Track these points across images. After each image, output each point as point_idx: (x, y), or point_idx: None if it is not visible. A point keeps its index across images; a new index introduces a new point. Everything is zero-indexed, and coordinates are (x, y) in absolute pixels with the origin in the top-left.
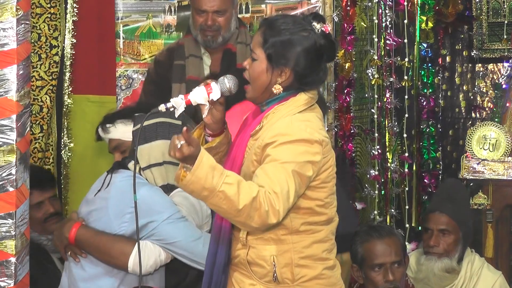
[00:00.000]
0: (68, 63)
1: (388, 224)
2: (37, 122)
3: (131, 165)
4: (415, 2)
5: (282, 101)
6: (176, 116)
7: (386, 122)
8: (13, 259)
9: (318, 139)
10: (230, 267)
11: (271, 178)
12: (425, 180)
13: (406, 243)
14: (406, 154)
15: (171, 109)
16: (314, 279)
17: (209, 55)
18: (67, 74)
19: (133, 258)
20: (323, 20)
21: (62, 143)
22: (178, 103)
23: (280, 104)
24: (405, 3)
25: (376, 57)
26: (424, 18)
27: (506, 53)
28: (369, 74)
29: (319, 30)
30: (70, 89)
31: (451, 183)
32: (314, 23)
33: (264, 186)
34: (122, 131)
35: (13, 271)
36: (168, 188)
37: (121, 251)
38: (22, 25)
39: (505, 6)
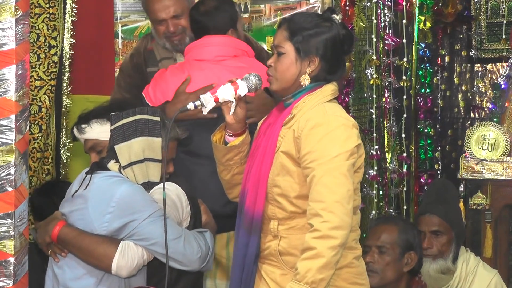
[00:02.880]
0: (67, 63)
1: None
2: (36, 122)
3: (111, 165)
4: (414, 2)
5: (309, 92)
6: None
7: (385, 122)
8: (12, 259)
9: (354, 123)
10: (258, 260)
11: (330, 188)
12: (421, 180)
13: None
14: (405, 154)
15: (199, 107)
16: (345, 267)
17: (181, 54)
18: (66, 74)
19: (117, 260)
20: (338, 13)
21: (61, 143)
22: (207, 100)
23: (309, 95)
24: (404, 3)
25: (375, 57)
26: (423, 18)
27: (505, 53)
28: (368, 74)
29: (339, 21)
30: (69, 89)
31: (440, 184)
32: (334, 15)
33: (324, 201)
34: (98, 131)
35: (12, 271)
36: (148, 185)
37: (104, 253)
38: (21, 25)
39: (504, 6)
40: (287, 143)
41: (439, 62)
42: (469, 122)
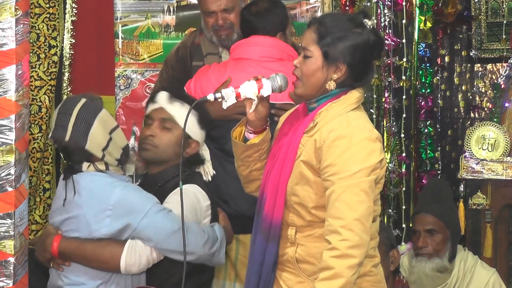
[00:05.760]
0: (67, 63)
1: (385, 224)
2: (36, 122)
3: (85, 168)
4: (414, 2)
5: (334, 98)
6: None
7: (385, 122)
8: (12, 259)
9: (378, 136)
10: (277, 267)
11: (350, 205)
12: (423, 180)
13: (403, 243)
14: (404, 154)
15: (219, 100)
16: (363, 276)
17: (227, 51)
18: (66, 74)
19: (125, 259)
20: (371, 18)
21: None
22: (228, 94)
23: (333, 102)
24: (404, 3)
25: None
26: (423, 18)
27: (504, 53)
28: None
29: (371, 27)
30: (69, 89)
31: (434, 183)
32: (366, 20)
33: (344, 218)
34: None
35: (12, 271)
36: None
37: (110, 255)
38: (21, 25)
39: (504, 6)
40: (308, 152)
41: (439, 62)
42: (469, 122)
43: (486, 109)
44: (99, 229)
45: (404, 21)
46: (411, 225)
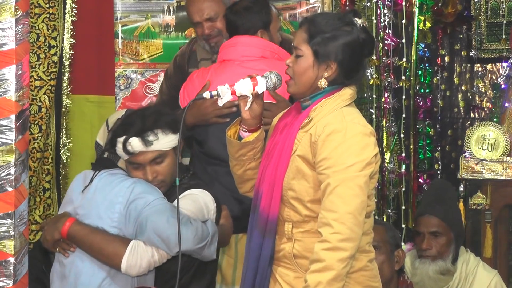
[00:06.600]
0: (67, 63)
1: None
2: (36, 122)
3: (121, 163)
4: (414, 2)
5: (327, 95)
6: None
7: (384, 122)
8: (12, 259)
9: (372, 130)
10: (273, 262)
11: (344, 198)
12: (420, 180)
13: (402, 243)
14: (404, 154)
15: (215, 97)
16: (360, 270)
17: None
18: (66, 74)
19: (126, 259)
20: (361, 17)
21: (61, 143)
22: (224, 91)
23: (327, 98)
24: (404, 3)
25: (374, 57)
26: (422, 18)
27: (504, 53)
28: (368, 74)
29: (361, 25)
30: (69, 89)
31: (438, 184)
32: (356, 19)
33: (337, 211)
34: (164, 142)
35: (12, 271)
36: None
37: (114, 252)
38: (21, 25)
39: (504, 6)
40: (304, 147)
41: (439, 62)
42: (469, 122)
43: (486, 109)
44: (110, 215)
45: (404, 21)
46: (411, 226)
